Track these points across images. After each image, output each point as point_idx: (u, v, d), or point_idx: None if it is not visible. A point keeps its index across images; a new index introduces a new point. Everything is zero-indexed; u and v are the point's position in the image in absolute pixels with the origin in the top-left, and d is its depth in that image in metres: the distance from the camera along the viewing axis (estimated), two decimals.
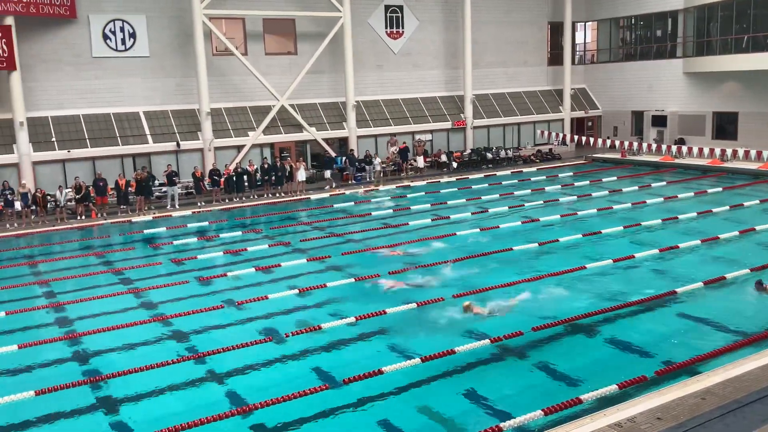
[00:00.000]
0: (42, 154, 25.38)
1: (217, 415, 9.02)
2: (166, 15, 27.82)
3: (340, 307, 13.39)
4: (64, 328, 12.87)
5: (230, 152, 28.84)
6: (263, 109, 29.58)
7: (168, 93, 28.22)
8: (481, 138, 34.90)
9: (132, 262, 17.94)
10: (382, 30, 32.75)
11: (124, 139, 27.03)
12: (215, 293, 14.69)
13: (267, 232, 20.91)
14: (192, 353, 11.37)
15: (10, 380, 10.59)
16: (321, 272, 16.06)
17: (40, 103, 25.79)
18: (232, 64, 28.88)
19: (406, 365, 10.45)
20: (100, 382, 10.35)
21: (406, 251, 17.57)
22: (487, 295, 13.73)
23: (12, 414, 9.37)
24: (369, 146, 31.42)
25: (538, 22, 37.08)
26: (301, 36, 30.63)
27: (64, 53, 26.21)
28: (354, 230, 20.54)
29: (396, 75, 33.28)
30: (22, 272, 17.37)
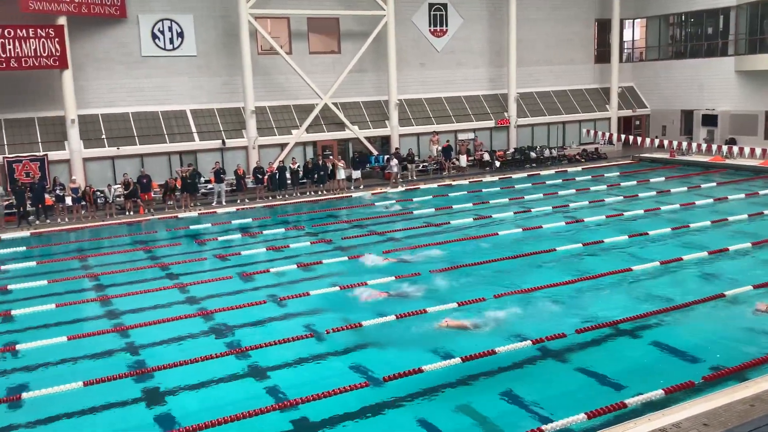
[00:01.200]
0: (92, 151, 26.08)
1: (259, 409, 9.13)
2: (212, 15, 28.27)
3: (381, 305, 13.40)
4: (111, 321, 13.19)
5: (274, 150, 29.15)
6: (306, 108, 29.82)
7: (214, 92, 28.68)
8: (525, 137, 34.51)
9: (178, 257, 18.28)
10: (425, 28, 32.66)
11: (171, 136, 27.57)
12: (258, 289, 14.88)
13: (309, 230, 21.07)
14: (235, 348, 11.53)
15: (59, 371, 10.90)
16: (362, 270, 16.09)
17: (91, 101, 26.48)
18: (277, 63, 29.19)
19: (446, 364, 10.41)
20: (146, 374, 10.58)
21: (447, 250, 17.49)
22: (530, 295, 13.60)
23: (62, 404, 9.64)
24: (411, 144, 31.38)
25: (586, 19, 36.47)
26: (345, 35, 30.77)
27: (114, 52, 26.86)
28: (395, 228, 20.54)
29: (439, 73, 33.16)
30: (73, 266, 17.88)
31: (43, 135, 25.68)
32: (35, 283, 15.81)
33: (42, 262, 18.22)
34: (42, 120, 25.86)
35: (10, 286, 15.73)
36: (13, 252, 19.36)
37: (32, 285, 15.71)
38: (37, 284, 15.76)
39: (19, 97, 25.29)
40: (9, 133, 25.20)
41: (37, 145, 25.36)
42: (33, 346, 11.81)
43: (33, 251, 19.59)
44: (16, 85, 25.05)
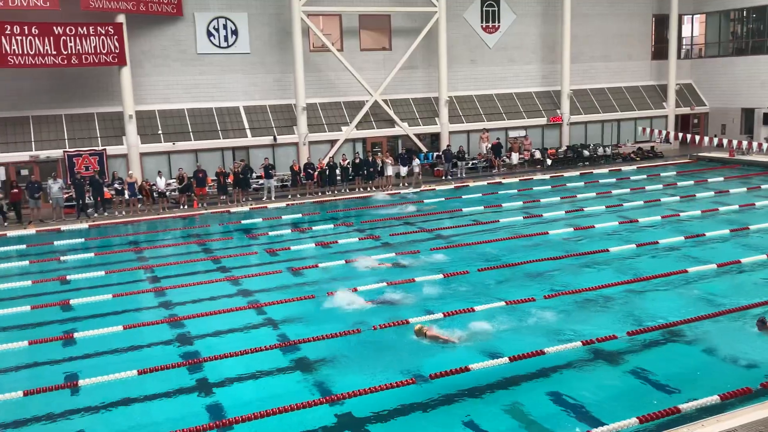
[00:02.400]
0: (149, 146, 26.76)
1: (306, 403, 9.23)
2: (266, 12, 28.65)
3: (428, 302, 13.37)
4: (165, 312, 13.52)
5: (324, 146, 29.38)
6: (356, 105, 29.95)
7: (266, 88, 29.07)
8: (578, 134, 33.89)
9: (229, 251, 18.63)
10: (477, 24, 32.39)
11: (225, 132, 28.07)
12: (307, 284, 15.02)
13: (357, 226, 21.17)
14: (283, 341, 11.68)
15: (115, 359, 11.23)
16: (409, 267, 16.08)
17: (148, 97, 27.17)
18: (328, 59, 29.39)
19: (493, 364, 10.33)
20: (198, 365, 10.81)
21: (495, 249, 17.33)
22: (580, 296, 13.37)
23: (117, 391, 9.93)
24: (461, 142, 31.19)
25: (643, 14, 35.56)
26: (396, 31, 30.78)
27: (171, 50, 27.49)
28: (443, 226, 20.45)
29: (490, 70, 32.84)
30: (129, 257, 18.40)
31: (102, 130, 26.48)
32: (93, 274, 16.33)
33: (100, 253, 18.81)
34: (101, 115, 26.67)
35: (69, 276, 16.28)
36: (72, 243, 20.03)
37: (90, 275, 16.24)
38: (95, 275, 16.27)
39: (80, 93, 26.13)
40: (70, 128, 26.08)
41: (97, 140, 26.17)
42: (90, 334, 12.19)
43: (91, 243, 20.23)
44: (76, 81, 25.89)
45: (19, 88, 25.03)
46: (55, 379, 10.40)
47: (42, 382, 10.22)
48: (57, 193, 23.15)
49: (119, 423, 9.07)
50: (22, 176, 24.65)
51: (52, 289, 15.31)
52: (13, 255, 19.12)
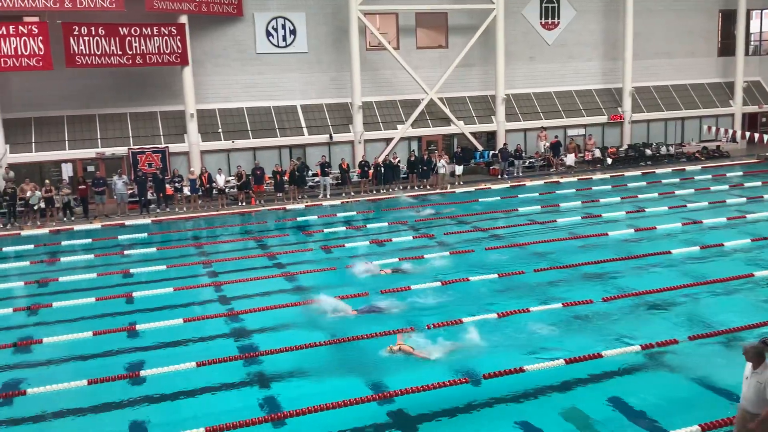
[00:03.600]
0: (209, 144, 27.37)
1: (357, 399, 9.26)
2: (323, 12, 28.90)
3: (482, 302, 13.24)
4: (223, 306, 13.80)
5: (379, 144, 29.47)
6: (412, 103, 29.92)
7: (323, 87, 29.34)
8: (640, 133, 33.00)
9: (285, 247, 18.89)
10: (536, 21, 31.91)
11: (282, 131, 28.47)
12: (360, 281, 15.07)
13: (412, 224, 21.14)
14: (333, 337, 11.73)
15: (175, 351, 11.52)
16: (464, 266, 15.96)
17: (209, 96, 27.77)
18: (384, 58, 29.45)
19: (549, 366, 10.15)
20: (254, 358, 10.98)
21: (552, 249, 17.04)
22: (641, 298, 13.02)
23: (177, 382, 10.18)
24: (518, 140, 30.77)
25: (709, 9, 34.36)
26: (453, 29, 30.60)
27: (231, 49, 28.04)
28: (499, 225, 20.23)
29: (549, 67, 32.30)
30: (189, 252, 18.88)
31: (164, 128, 27.23)
32: (155, 268, 16.80)
33: (161, 248, 19.34)
34: (164, 114, 27.43)
35: (132, 270, 16.79)
36: (135, 238, 20.68)
37: (152, 269, 16.71)
38: (156, 269, 16.74)
39: (144, 92, 26.93)
40: (134, 126, 26.90)
41: (159, 138, 26.92)
42: (151, 326, 12.54)
43: (153, 237, 20.84)
44: (141, 81, 26.68)
45: (87, 88, 25.98)
46: (117, 369, 10.73)
47: (105, 371, 10.56)
48: (121, 189, 23.96)
49: (179, 413, 9.30)
50: (88, 172, 25.60)
51: (115, 282, 15.83)
52: (79, 249, 19.86)
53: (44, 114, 25.86)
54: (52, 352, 11.56)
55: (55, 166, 25.77)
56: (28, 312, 13.88)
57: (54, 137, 25.81)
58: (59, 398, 9.77)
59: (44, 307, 14.04)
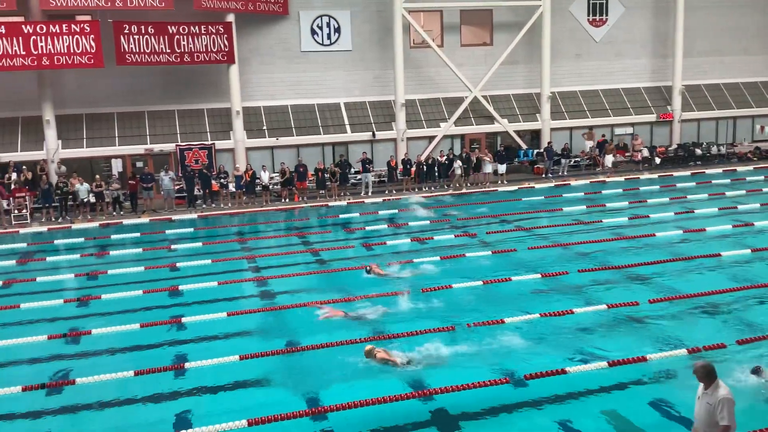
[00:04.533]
0: (254, 141, 27.73)
1: (398, 396, 9.28)
2: (368, 10, 28.98)
3: (525, 302, 13.11)
4: (266, 301, 13.96)
5: (422, 142, 29.42)
6: (455, 101, 29.78)
7: (366, 85, 29.42)
8: (690, 132, 32.19)
9: (327, 243, 19.02)
10: (583, 18, 31.40)
11: (325, 128, 28.66)
12: (402, 279, 15.08)
13: (454, 222, 21.05)
14: (377, 335, 11.78)
15: (219, 344, 11.70)
16: (506, 266, 15.82)
17: (254, 93, 28.13)
18: (428, 56, 29.38)
19: (592, 368, 10.00)
20: (295, 353, 11.07)
21: (597, 250, 16.75)
22: (688, 301, 12.71)
23: (221, 375, 10.34)
24: (563, 139, 30.34)
25: (762, 6, 33.24)
26: (498, 26, 30.33)
27: (276, 48, 28.35)
28: (542, 225, 19.98)
29: (596, 64, 31.76)
30: (233, 247, 19.17)
31: (211, 125, 27.69)
32: (200, 262, 17.11)
33: (207, 243, 19.69)
34: (210, 111, 27.89)
35: (178, 263, 17.13)
36: (182, 232, 21.09)
37: (198, 264, 17.02)
38: (201, 263, 17.05)
39: (191, 89, 27.42)
40: (181, 123, 27.43)
41: (206, 135, 27.39)
42: (196, 319, 12.77)
43: (199, 232, 21.22)
44: (188, 78, 27.19)
45: (136, 85, 26.60)
46: (163, 360, 10.96)
47: (152, 362, 10.79)
48: (168, 185, 24.47)
49: (222, 405, 9.45)
50: (137, 168, 26.20)
51: (162, 276, 16.17)
52: (128, 242, 20.36)
53: (95, 111, 26.58)
54: (101, 343, 11.87)
55: (105, 162, 26.49)
56: (78, 303, 14.29)
57: (104, 133, 26.51)
58: (107, 388, 10.03)
59: (94, 298, 14.44)
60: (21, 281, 16.07)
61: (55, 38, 23.83)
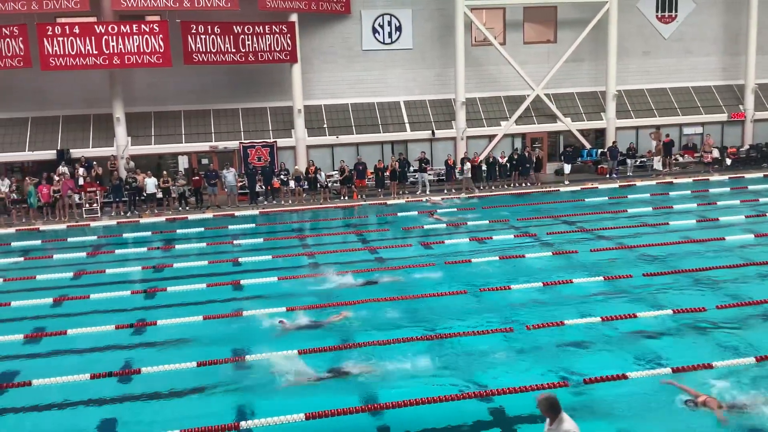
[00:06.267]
0: (314, 139, 28.06)
1: (457, 395, 9.23)
2: (429, 8, 28.91)
3: (586, 305, 12.84)
4: (325, 297, 14.06)
5: (481, 141, 29.17)
6: (517, 99, 29.39)
7: (426, 83, 29.36)
8: (763, 133, 30.84)
9: (386, 242, 19.07)
10: (651, 14, 30.51)
11: (385, 126, 28.75)
12: (459, 278, 14.99)
13: (513, 223, 20.79)
14: (433, 333, 11.74)
15: (278, 338, 11.87)
16: (567, 268, 15.53)
17: (316, 92, 28.46)
18: (490, 54, 29.09)
19: (654, 373, 9.71)
20: (351, 349, 11.13)
21: (663, 253, 16.25)
22: (760, 308, 12.19)
23: (277, 368, 10.47)
24: (629, 138, 29.56)
25: None
26: (562, 23, 29.78)
27: (338, 46, 28.60)
28: (606, 227, 19.51)
29: (664, 62, 30.81)
30: (293, 243, 19.45)
31: (273, 123, 28.17)
32: (261, 258, 17.43)
33: (268, 238, 20.03)
34: (273, 110, 28.37)
35: (240, 258, 17.50)
36: (244, 228, 21.55)
37: (259, 259, 17.34)
38: (262, 258, 17.36)
39: (254, 88, 27.96)
40: (245, 121, 28.00)
41: (268, 133, 27.88)
42: (256, 313, 12.98)
43: (260, 228, 21.63)
44: (252, 77, 27.72)
45: (202, 84, 27.29)
46: (224, 353, 11.19)
47: (213, 355, 11.04)
48: (231, 182, 25.04)
49: (280, 399, 9.59)
50: (202, 165, 26.89)
51: (225, 270, 16.54)
52: (193, 237, 20.93)
53: (163, 109, 27.42)
54: (166, 334, 12.23)
55: (172, 158, 27.29)
56: (144, 295, 14.76)
57: (171, 131, 27.30)
58: (171, 378, 10.31)
59: (160, 291, 14.89)
60: (91, 273, 16.72)
61: (125, 38, 24.67)
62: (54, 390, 10.03)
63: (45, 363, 11.23)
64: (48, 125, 26.62)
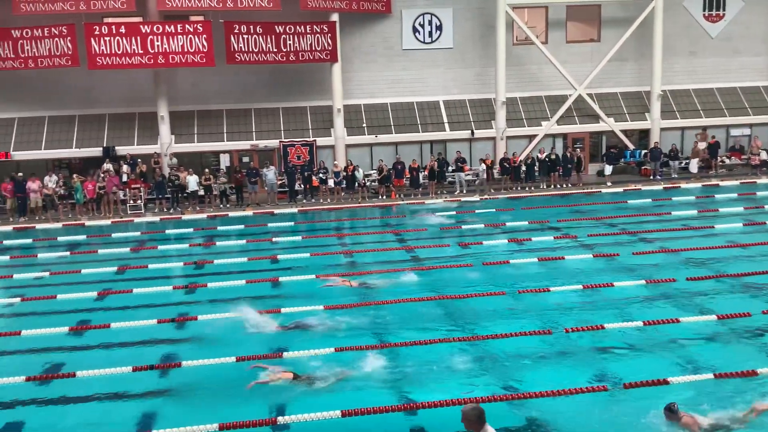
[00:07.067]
0: (353, 138, 28.17)
1: (491, 397, 9.16)
2: (470, 7, 28.76)
3: (627, 309, 12.61)
4: (360, 297, 14.09)
5: (522, 141, 28.90)
6: (558, 99, 29.03)
7: (466, 83, 29.21)
8: None
9: (423, 241, 19.02)
10: (698, 13, 29.81)
11: (424, 126, 28.70)
12: (497, 279, 14.87)
13: (553, 224, 20.53)
14: (469, 335, 11.67)
15: (315, 336, 11.93)
16: (608, 270, 15.27)
17: (355, 91, 28.55)
18: (531, 53, 28.80)
19: (695, 379, 9.50)
20: (385, 349, 11.15)
21: (708, 257, 15.86)
22: None
23: (313, 366, 10.54)
24: (674, 139, 28.94)
25: None
26: (606, 22, 29.31)
27: (378, 46, 28.66)
28: (649, 229, 19.13)
29: (711, 62, 30.08)
30: (331, 242, 19.55)
31: (312, 122, 28.38)
32: (299, 255, 17.57)
33: (306, 236, 20.18)
34: (313, 109, 28.58)
35: (279, 256, 17.67)
36: (283, 226, 21.75)
37: (297, 257, 17.48)
38: (300, 256, 17.49)
39: (295, 88, 28.20)
40: (285, 120, 28.27)
41: (308, 132, 28.10)
42: (294, 311, 13.08)
43: (299, 226, 21.81)
44: (292, 77, 27.96)
45: (243, 83, 27.63)
46: (262, 348, 11.31)
47: (252, 350, 11.17)
48: (272, 180, 25.31)
49: (316, 396, 9.65)
50: (243, 163, 27.25)
51: (264, 267, 16.72)
52: (233, 234, 21.22)
53: (206, 107, 27.86)
54: (206, 329, 12.40)
55: (214, 156, 27.71)
56: (185, 291, 15.01)
57: (214, 129, 27.73)
58: (210, 372, 10.45)
59: (200, 286, 15.13)
60: (134, 267, 17.09)
61: (170, 38, 25.13)
62: (97, 382, 10.28)
63: (89, 355, 11.51)
64: (94, 123, 27.29)
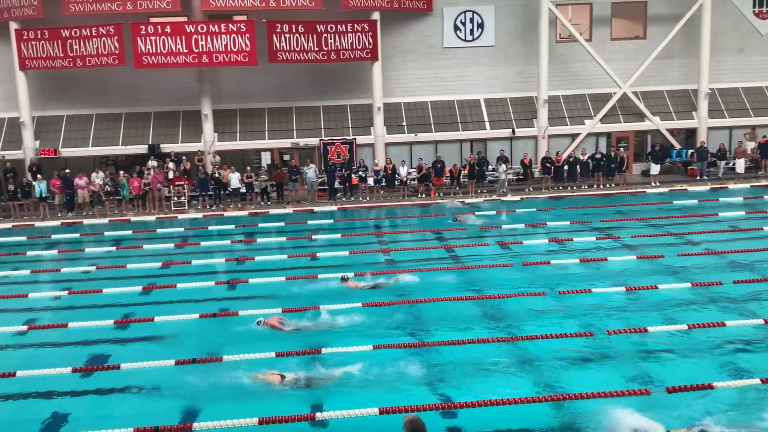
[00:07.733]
0: (393, 137, 28.18)
1: (527, 398, 9.08)
2: (513, 4, 28.47)
3: (671, 312, 12.35)
4: (398, 295, 14.05)
5: (563, 140, 28.50)
6: (602, 97, 28.55)
7: (508, 81, 28.95)
8: None
9: (462, 240, 18.93)
10: (748, 9, 28.97)
11: (464, 125, 28.54)
12: (537, 279, 14.72)
13: (596, 224, 20.20)
14: (509, 335, 11.59)
15: (355, 333, 11.96)
16: (652, 272, 14.97)
17: (395, 90, 28.55)
18: (575, 50, 28.38)
19: (741, 384, 9.25)
20: (424, 348, 11.14)
21: (754, 260, 15.41)
22: None
23: (352, 362, 10.57)
24: (722, 139, 28.19)
25: None
26: (652, 19, 28.70)
27: (419, 44, 28.59)
28: (694, 230, 18.68)
29: (761, 59, 29.20)
30: (370, 240, 19.60)
31: (353, 121, 28.47)
32: (338, 253, 17.65)
33: (345, 234, 20.28)
34: (353, 107, 28.67)
35: (318, 254, 17.78)
36: (322, 223, 21.89)
37: (336, 254, 17.57)
38: (340, 254, 17.58)
39: (335, 86, 28.33)
40: (325, 119, 28.43)
41: (348, 130, 28.20)
42: (334, 308, 13.13)
43: (338, 224, 21.91)
44: (333, 75, 28.09)
45: (285, 82, 27.89)
46: (300, 345, 11.42)
47: (290, 346, 11.28)
48: (312, 177, 25.50)
49: (353, 393, 9.69)
50: (284, 161, 27.50)
51: (303, 264, 16.86)
52: (273, 231, 21.46)
53: (248, 106, 28.19)
54: (247, 324, 12.54)
55: (255, 154, 28.04)
56: (228, 286, 15.23)
57: (256, 127, 28.05)
58: (250, 366, 10.56)
59: (241, 282, 15.33)
60: (178, 263, 17.42)
61: (214, 37, 25.51)
62: (139, 374, 10.51)
63: (133, 348, 11.78)
64: (140, 121, 27.88)
